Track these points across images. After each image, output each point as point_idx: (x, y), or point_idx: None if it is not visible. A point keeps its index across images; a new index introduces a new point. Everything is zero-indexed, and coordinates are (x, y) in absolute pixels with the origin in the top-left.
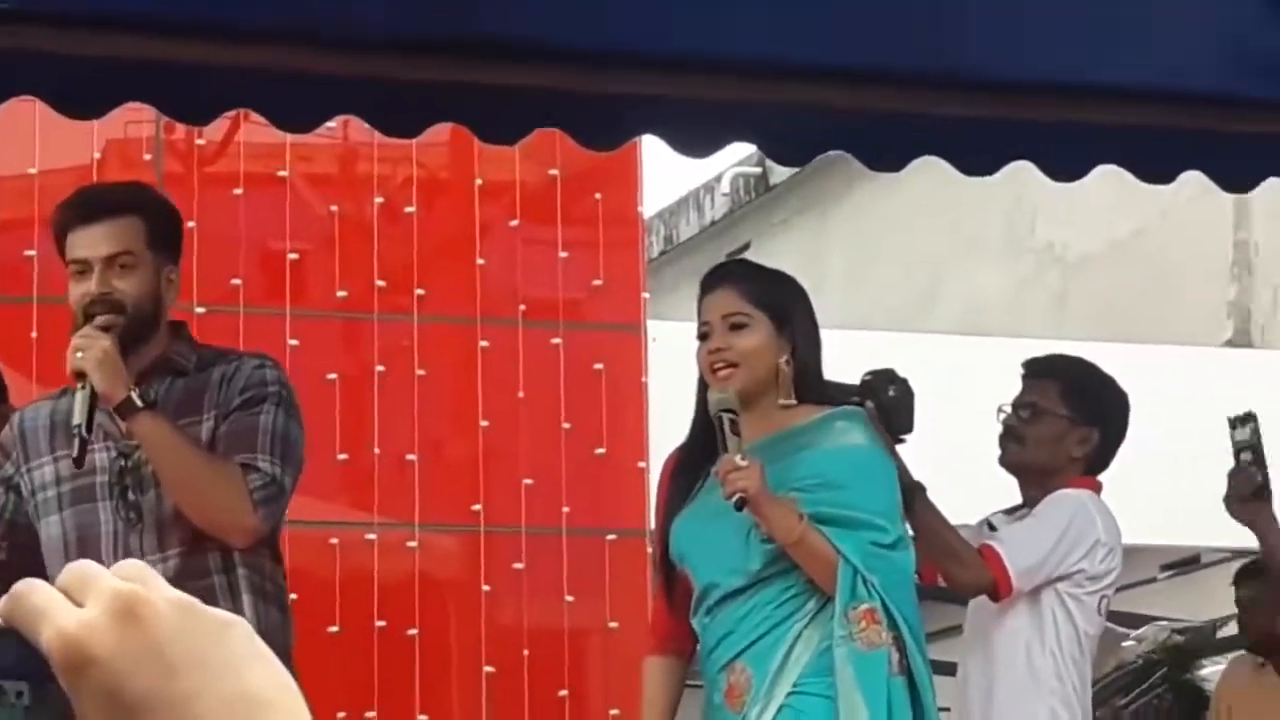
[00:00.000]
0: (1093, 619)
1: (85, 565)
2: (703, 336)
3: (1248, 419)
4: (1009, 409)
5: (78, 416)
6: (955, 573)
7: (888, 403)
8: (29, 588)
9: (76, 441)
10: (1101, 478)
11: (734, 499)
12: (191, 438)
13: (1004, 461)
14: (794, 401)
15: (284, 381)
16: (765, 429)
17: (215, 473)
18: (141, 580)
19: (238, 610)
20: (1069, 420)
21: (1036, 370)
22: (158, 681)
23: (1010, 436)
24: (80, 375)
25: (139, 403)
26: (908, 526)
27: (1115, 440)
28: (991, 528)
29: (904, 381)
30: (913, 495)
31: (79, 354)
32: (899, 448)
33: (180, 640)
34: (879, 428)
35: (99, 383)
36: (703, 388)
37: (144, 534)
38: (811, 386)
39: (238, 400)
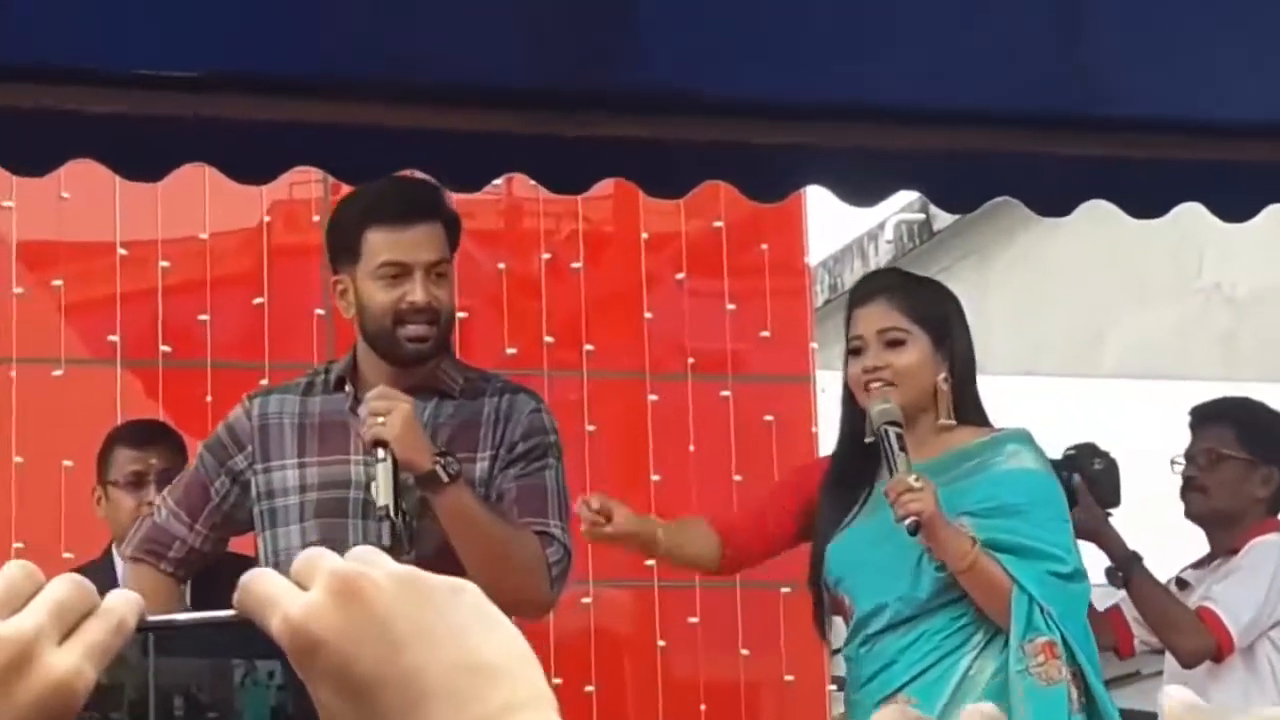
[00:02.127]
0: None
1: (313, 551)
2: (855, 352)
3: None
4: (1183, 460)
5: (383, 498)
6: (1178, 642)
7: (1094, 476)
8: (257, 576)
9: (386, 526)
10: None
11: (908, 521)
12: (489, 506)
13: (1190, 514)
14: (953, 422)
15: (556, 429)
16: (927, 451)
17: (518, 547)
18: (370, 560)
19: None
20: (1248, 462)
21: (1207, 415)
22: (384, 658)
23: (1192, 487)
24: (380, 444)
25: (445, 477)
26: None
27: None
28: (1182, 584)
29: (1108, 455)
30: (1130, 566)
31: (379, 420)
32: (1110, 520)
33: (403, 614)
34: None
35: (402, 452)
36: (850, 404)
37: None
38: (970, 405)
39: (521, 449)
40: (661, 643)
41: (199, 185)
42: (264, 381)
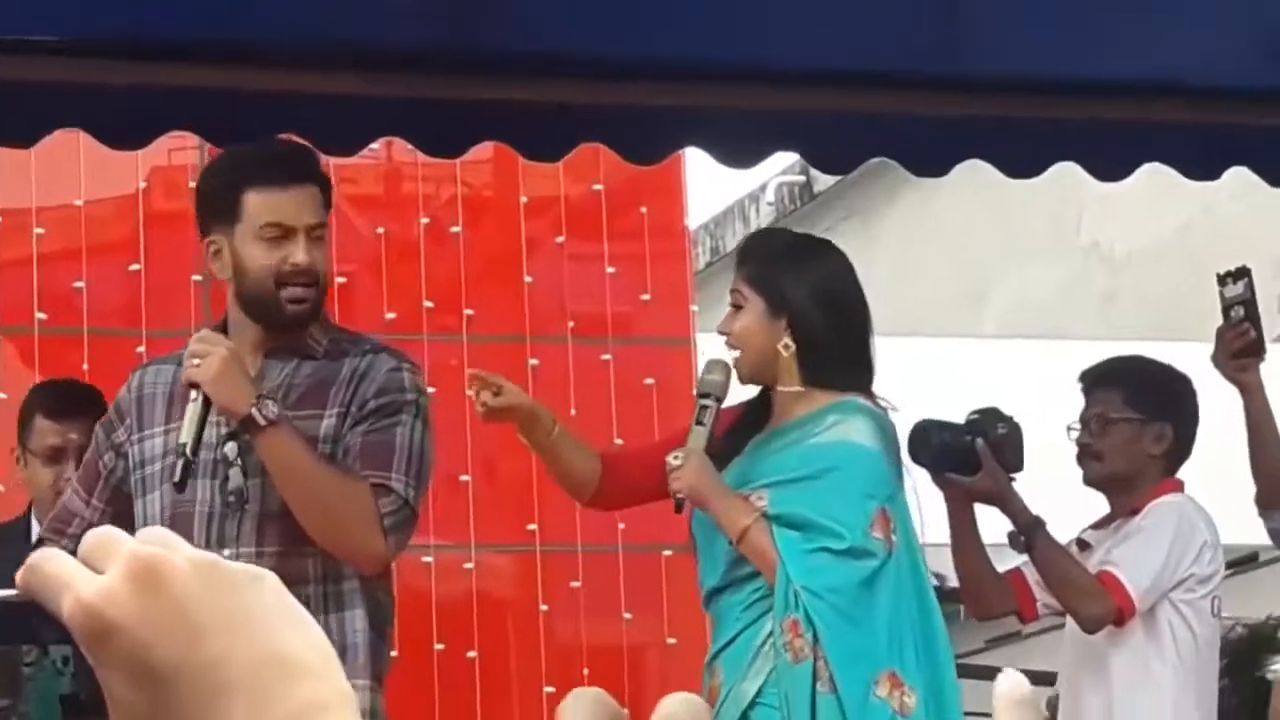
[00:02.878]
0: (1207, 621)
1: (107, 531)
2: None
3: (1241, 274)
4: (1078, 426)
5: (184, 434)
6: (1080, 606)
7: (997, 440)
8: (46, 557)
9: (180, 464)
10: None
11: (676, 498)
12: (318, 454)
13: (1088, 480)
14: (798, 388)
15: (422, 388)
16: (777, 419)
17: (345, 494)
18: (166, 543)
19: (332, 627)
20: (1139, 422)
21: (1095, 379)
22: (183, 647)
23: (1087, 454)
24: (194, 386)
25: (261, 420)
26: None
27: (1190, 428)
28: (1083, 544)
29: (1011, 419)
30: (1032, 531)
31: (195, 361)
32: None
33: (205, 601)
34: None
35: (217, 395)
36: None
37: (242, 522)
38: (828, 371)
39: (372, 405)
40: (544, 607)
41: (74, 151)
42: (140, 349)
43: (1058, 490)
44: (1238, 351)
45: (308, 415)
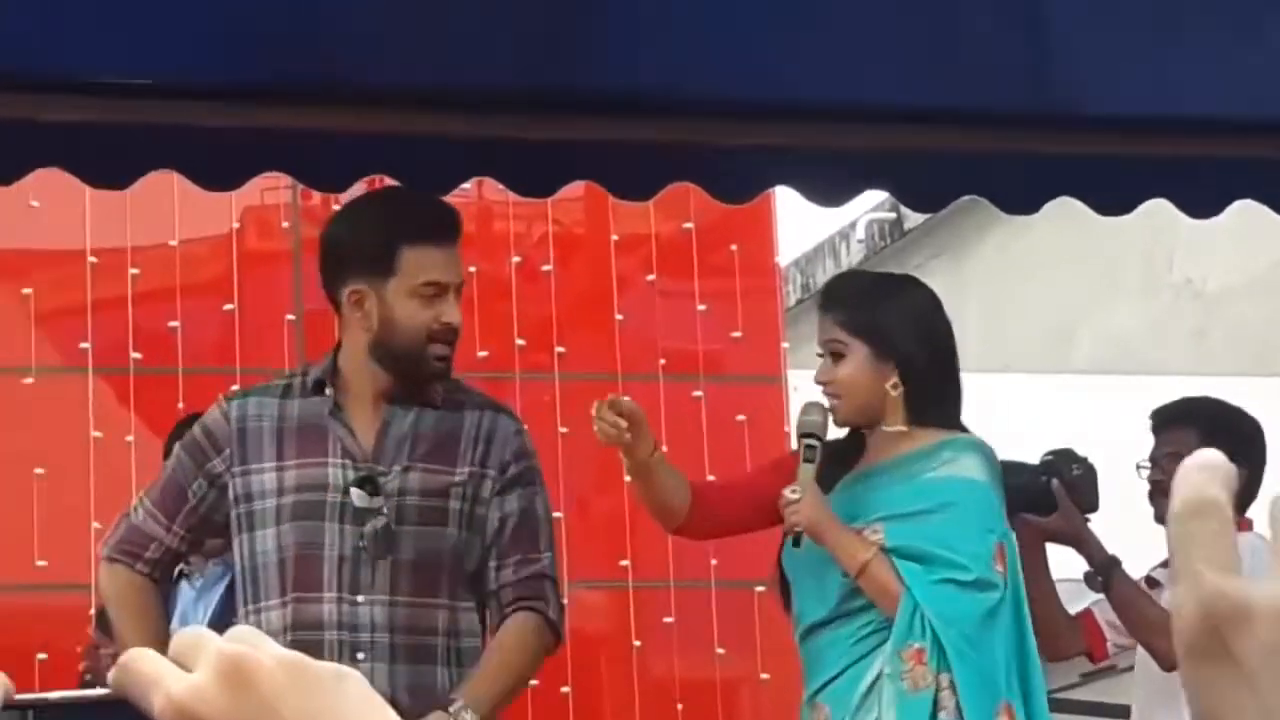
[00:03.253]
0: None
1: (197, 631)
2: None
3: None
4: (1149, 464)
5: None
6: (1157, 646)
7: (1072, 481)
8: (138, 656)
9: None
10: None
11: (792, 533)
12: (503, 668)
13: (1159, 518)
14: (901, 428)
15: (534, 451)
16: (880, 456)
17: (534, 663)
18: (253, 642)
19: (453, 678)
20: None
21: (1169, 418)
22: None
23: (1160, 491)
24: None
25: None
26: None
27: (1259, 472)
28: (1152, 582)
29: (1085, 460)
30: (1109, 571)
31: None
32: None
33: (291, 700)
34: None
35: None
36: None
37: (376, 569)
38: (932, 409)
39: (513, 471)
40: (637, 643)
41: (169, 192)
42: (235, 388)
43: (1145, 527)
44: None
45: (438, 469)
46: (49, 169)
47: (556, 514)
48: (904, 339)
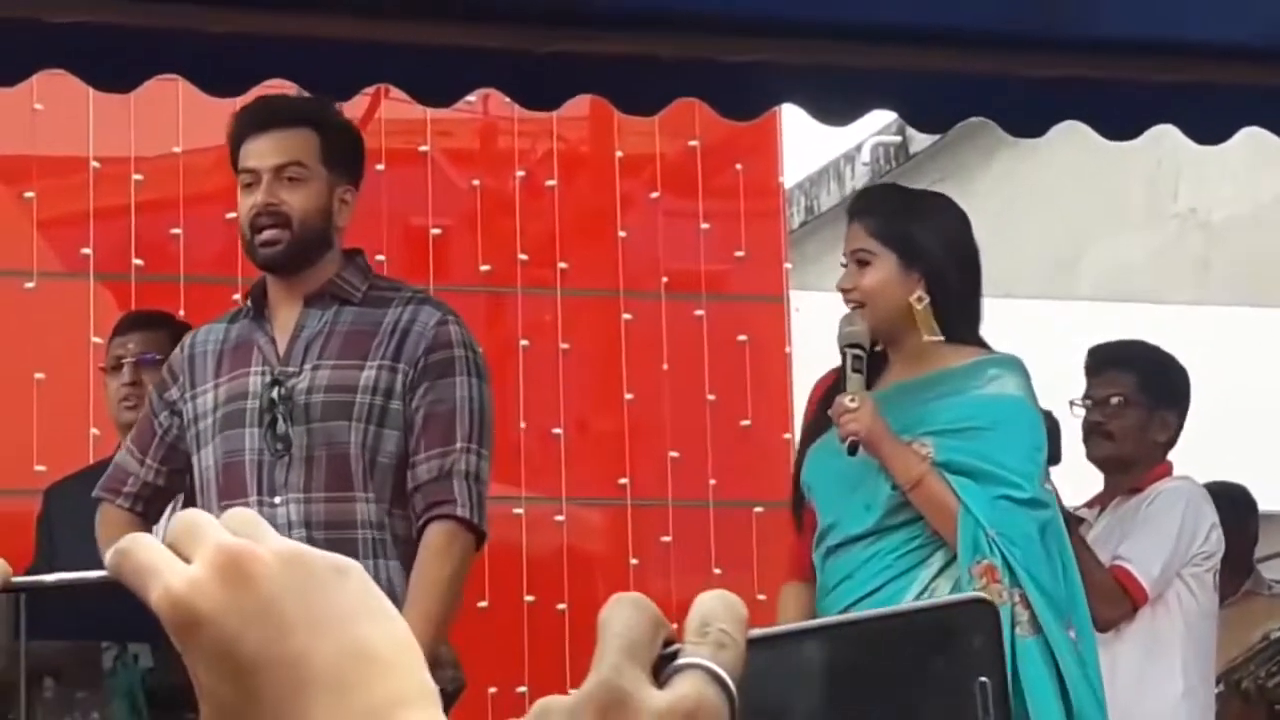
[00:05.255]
0: (1209, 592)
1: (194, 516)
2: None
3: None
4: (1087, 404)
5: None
6: (1104, 610)
7: None
8: (135, 543)
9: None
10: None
11: (847, 442)
12: (429, 602)
13: (1093, 457)
14: (939, 338)
15: (470, 342)
16: (914, 369)
17: (457, 586)
18: (252, 532)
19: (381, 575)
20: (1150, 408)
21: (1107, 360)
22: (269, 640)
23: (1098, 432)
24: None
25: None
26: (1051, 489)
27: (1184, 419)
28: (1076, 520)
29: (1050, 414)
30: (1069, 528)
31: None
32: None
33: (291, 596)
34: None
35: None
36: None
37: (290, 468)
38: (963, 323)
39: (425, 363)
40: (634, 561)
41: (173, 101)
42: (235, 296)
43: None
44: None
45: (348, 365)
46: (53, 72)
47: (556, 430)
48: (935, 253)
